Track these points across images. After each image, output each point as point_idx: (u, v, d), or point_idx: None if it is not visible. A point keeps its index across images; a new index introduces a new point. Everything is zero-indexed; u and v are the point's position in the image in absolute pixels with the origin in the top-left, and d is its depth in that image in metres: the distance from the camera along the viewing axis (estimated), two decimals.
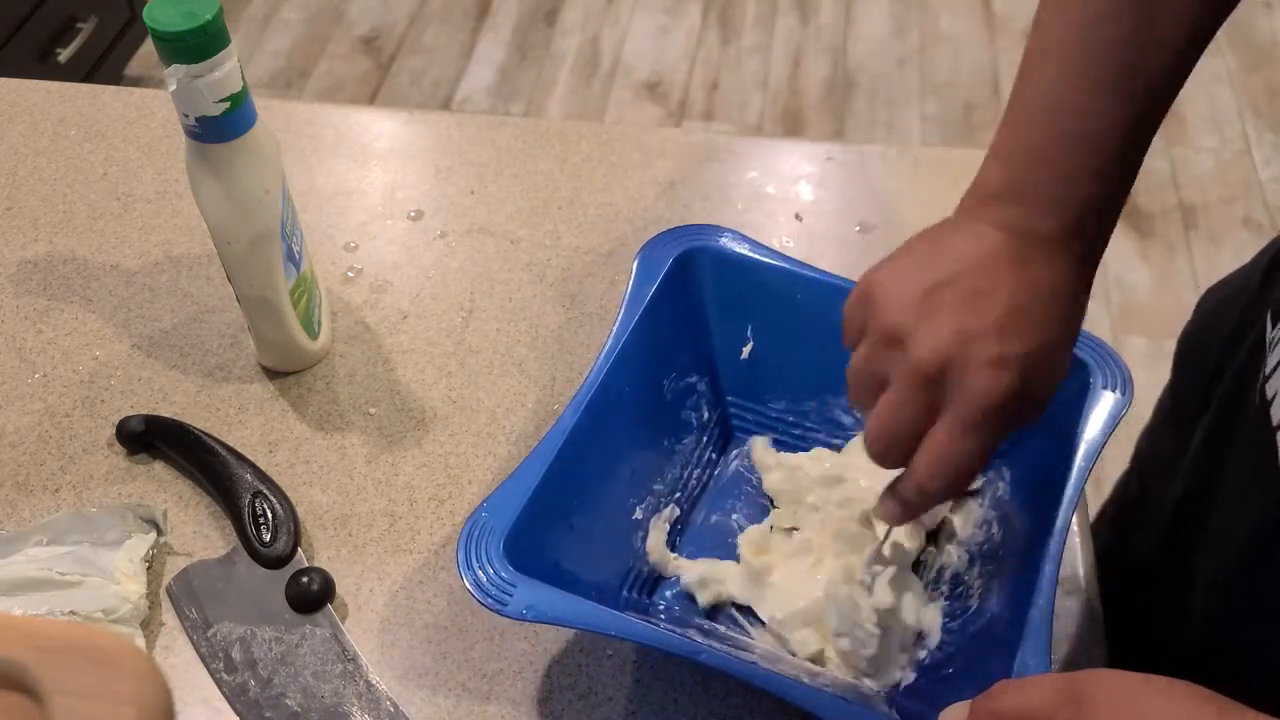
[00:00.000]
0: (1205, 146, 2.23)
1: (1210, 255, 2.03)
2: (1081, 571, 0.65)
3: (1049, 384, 0.49)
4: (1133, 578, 0.72)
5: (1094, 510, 0.83)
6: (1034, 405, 0.49)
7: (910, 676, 0.58)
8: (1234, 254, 2.03)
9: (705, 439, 0.69)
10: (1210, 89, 2.34)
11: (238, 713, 0.59)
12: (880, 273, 0.51)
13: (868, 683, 0.59)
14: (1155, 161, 2.19)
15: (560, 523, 0.59)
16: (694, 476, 0.68)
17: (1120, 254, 2.04)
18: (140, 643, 0.61)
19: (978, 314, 0.47)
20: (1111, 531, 0.81)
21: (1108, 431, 0.59)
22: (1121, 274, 2.00)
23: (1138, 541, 0.73)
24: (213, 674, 0.60)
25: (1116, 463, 0.86)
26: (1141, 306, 1.94)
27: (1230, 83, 2.35)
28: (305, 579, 0.62)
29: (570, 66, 2.42)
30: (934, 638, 0.59)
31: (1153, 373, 0.64)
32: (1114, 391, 0.60)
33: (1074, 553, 0.65)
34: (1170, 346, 0.75)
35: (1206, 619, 0.61)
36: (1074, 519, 0.66)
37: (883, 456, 0.50)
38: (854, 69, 2.41)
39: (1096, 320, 1.91)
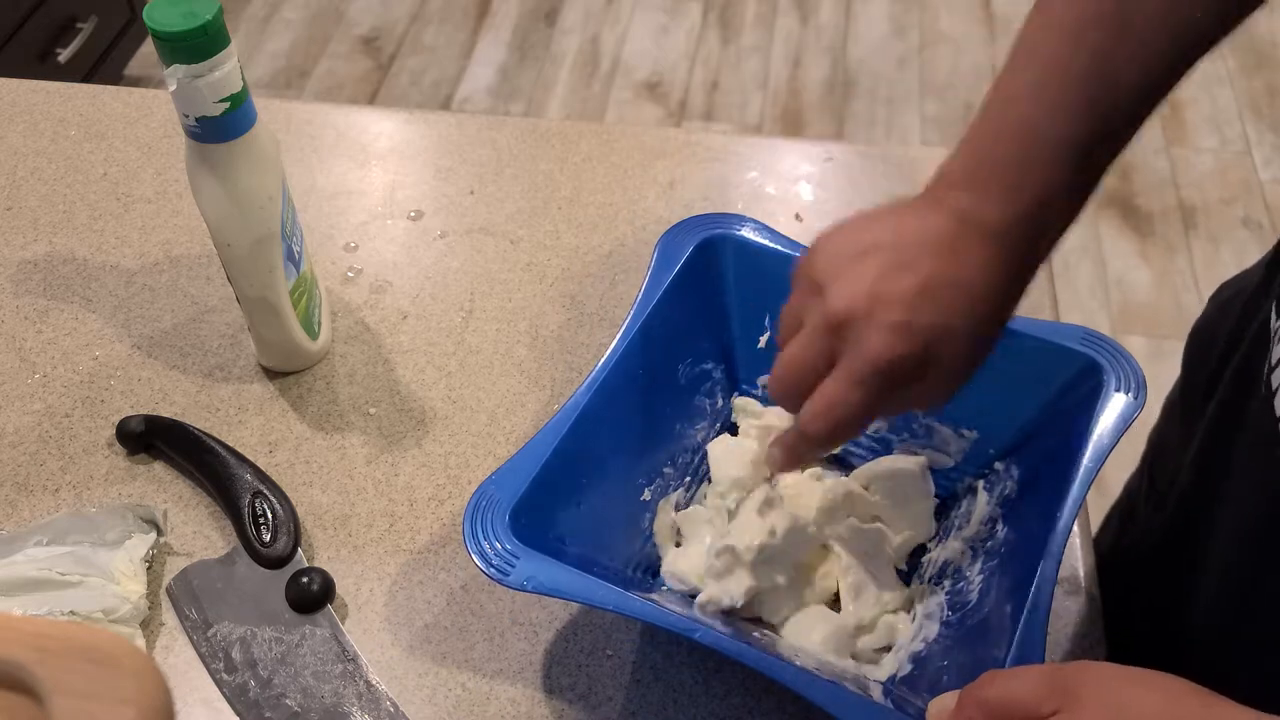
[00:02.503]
0: (1205, 147, 2.23)
1: (1210, 255, 2.03)
2: (1081, 571, 0.65)
3: (954, 369, 0.50)
4: (1136, 575, 0.72)
5: (1100, 510, 0.83)
6: (936, 388, 0.51)
7: (906, 667, 0.58)
8: (1234, 254, 2.03)
9: (719, 425, 0.69)
10: (1210, 90, 2.34)
11: (238, 713, 0.59)
12: (827, 232, 0.53)
13: (865, 669, 0.59)
14: (1155, 161, 2.20)
15: (567, 499, 0.59)
16: (706, 462, 0.68)
17: (1120, 254, 2.04)
18: (140, 643, 0.61)
19: (896, 280, 0.49)
20: (1117, 529, 0.81)
21: (1118, 433, 0.59)
22: (1121, 274, 2.00)
23: (1143, 536, 0.73)
24: (213, 674, 0.60)
25: (1119, 464, 0.86)
26: (1141, 306, 1.94)
27: (1230, 83, 2.35)
28: (305, 579, 0.62)
29: (570, 66, 2.42)
30: (932, 629, 0.59)
31: (1152, 372, 0.64)
32: (1126, 394, 0.60)
33: (1074, 552, 0.66)
34: (1170, 346, 0.76)
35: (1209, 610, 0.61)
36: (1075, 520, 0.67)
37: (780, 395, 0.53)
38: (854, 69, 2.41)
39: (1096, 320, 1.91)
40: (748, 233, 0.68)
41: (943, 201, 0.51)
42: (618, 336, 0.63)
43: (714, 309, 0.69)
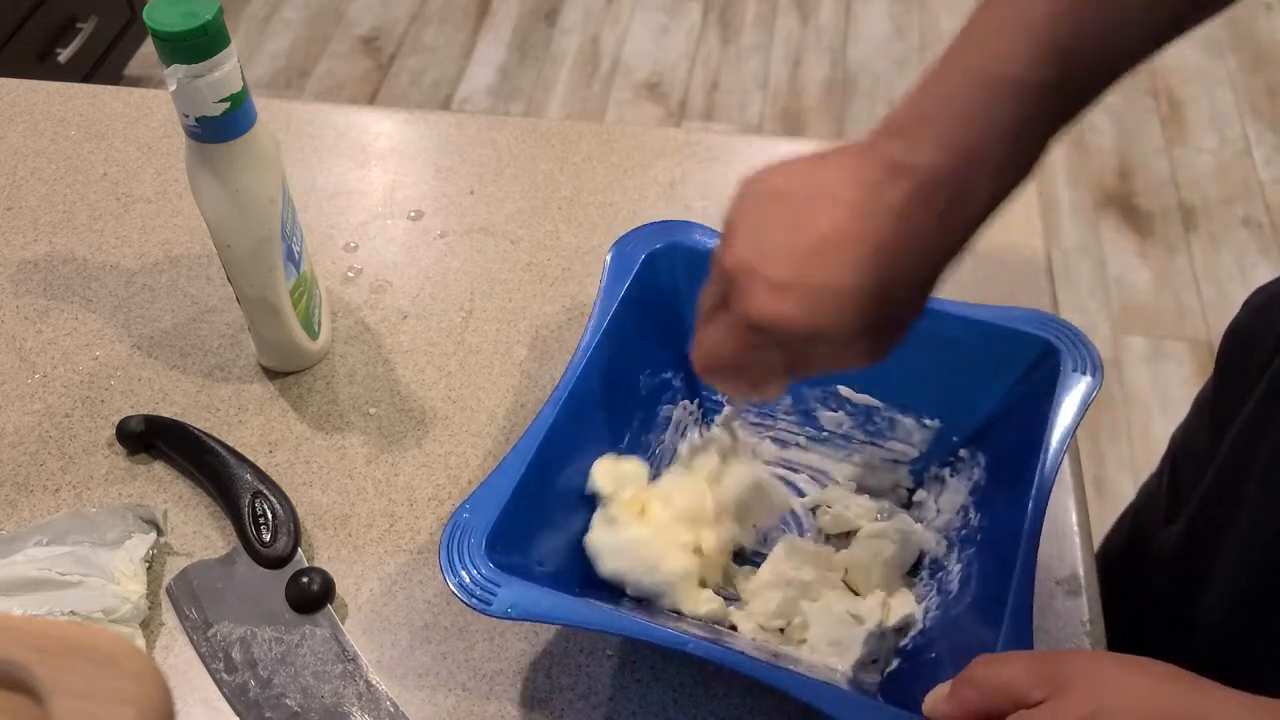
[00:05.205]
0: (1205, 146, 2.23)
1: (1210, 255, 2.03)
2: (1081, 571, 0.65)
3: (855, 332, 0.47)
4: (1150, 576, 0.72)
5: (1100, 511, 0.83)
6: (844, 350, 0.48)
7: (894, 661, 0.59)
8: (1234, 254, 2.03)
9: (682, 432, 0.70)
10: (1210, 89, 2.34)
11: (238, 713, 0.59)
12: (753, 174, 0.50)
13: (853, 670, 0.59)
14: (1155, 161, 2.20)
15: (542, 519, 0.59)
16: (672, 470, 0.68)
17: (1120, 254, 2.04)
18: (140, 643, 0.61)
19: (790, 234, 0.46)
20: (1132, 529, 0.80)
21: (1079, 414, 0.59)
22: (1121, 274, 2.00)
23: (1161, 536, 0.73)
24: (213, 674, 0.60)
25: (1122, 465, 0.86)
26: (1141, 306, 1.94)
27: (1230, 83, 2.35)
28: (305, 579, 0.62)
29: (570, 66, 2.42)
30: (916, 624, 0.59)
31: (1153, 373, 0.64)
32: (1084, 374, 0.60)
33: (1074, 553, 0.66)
34: (1170, 346, 0.75)
35: (1223, 613, 0.61)
36: (1074, 520, 0.67)
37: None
38: (854, 69, 2.41)
39: (1096, 320, 1.91)
40: (699, 238, 0.68)
41: (876, 148, 0.47)
42: (576, 351, 0.63)
43: (669, 318, 0.68)
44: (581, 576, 0.61)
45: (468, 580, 0.53)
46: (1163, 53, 0.49)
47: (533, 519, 0.58)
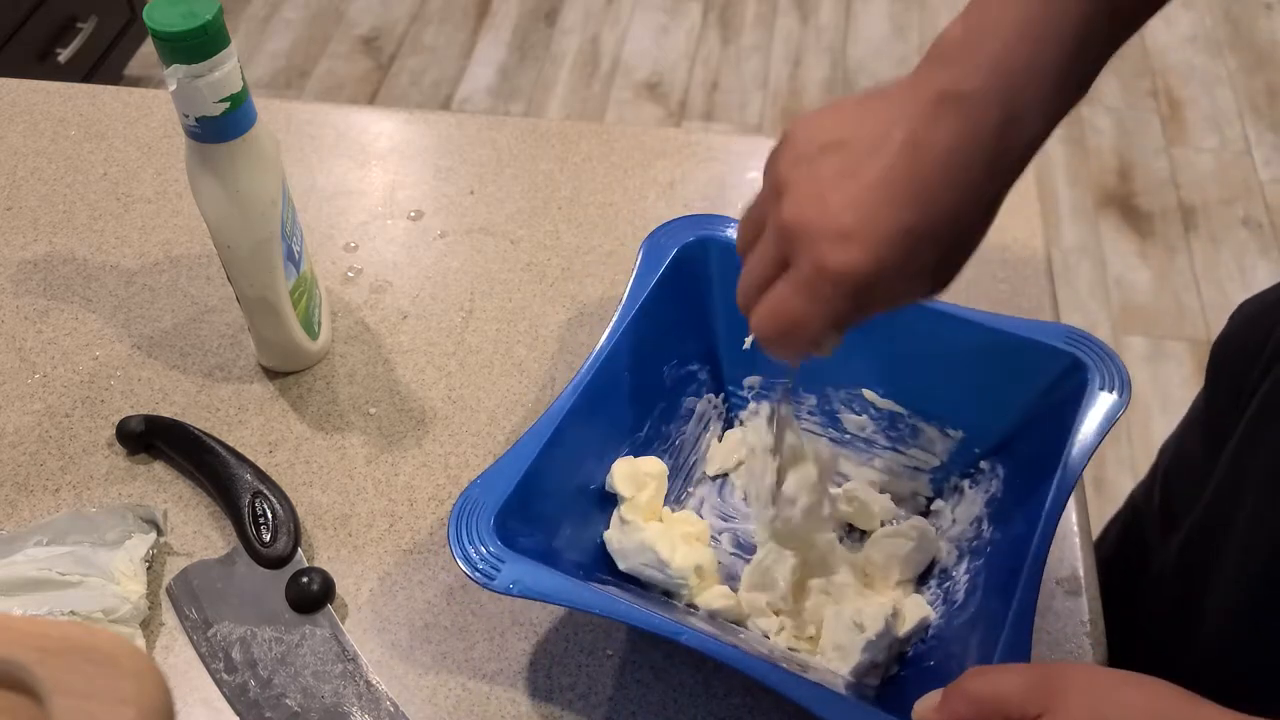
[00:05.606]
0: (1205, 146, 2.23)
1: (1210, 255, 2.03)
2: (1081, 572, 0.65)
3: (921, 270, 0.47)
4: (1144, 584, 0.71)
5: (1098, 512, 0.83)
6: (910, 289, 0.47)
7: (894, 667, 0.59)
8: (1234, 254, 2.03)
9: (705, 425, 0.70)
10: (1210, 89, 2.34)
11: (238, 713, 0.59)
12: (799, 121, 0.49)
13: (854, 674, 0.59)
14: (1155, 161, 2.19)
15: (554, 502, 0.59)
16: (692, 463, 0.68)
17: (1120, 254, 2.04)
18: (140, 643, 0.61)
19: (849, 182, 0.46)
20: (1121, 537, 0.80)
21: (1103, 432, 0.59)
22: (1121, 274, 2.00)
23: (1155, 547, 0.72)
24: (213, 674, 0.60)
25: (1122, 465, 0.85)
26: (1141, 306, 1.94)
27: (1230, 83, 2.35)
28: (305, 579, 0.62)
29: (570, 66, 2.42)
30: (929, 627, 0.59)
31: (1153, 373, 0.63)
32: (1111, 392, 0.60)
33: (1074, 553, 0.66)
34: (1170, 347, 0.75)
35: (1222, 626, 0.61)
36: (1074, 520, 0.67)
37: (742, 307, 0.51)
38: (854, 69, 2.41)
39: (1097, 320, 1.91)
40: (732, 234, 0.68)
41: (926, 81, 0.47)
42: (603, 339, 0.63)
43: (699, 310, 0.69)
44: (605, 570, 0.61)
45: (473, 555, 0.53)
46: (1163, 53, 0.49)
47: (545, 500, 0.58)
